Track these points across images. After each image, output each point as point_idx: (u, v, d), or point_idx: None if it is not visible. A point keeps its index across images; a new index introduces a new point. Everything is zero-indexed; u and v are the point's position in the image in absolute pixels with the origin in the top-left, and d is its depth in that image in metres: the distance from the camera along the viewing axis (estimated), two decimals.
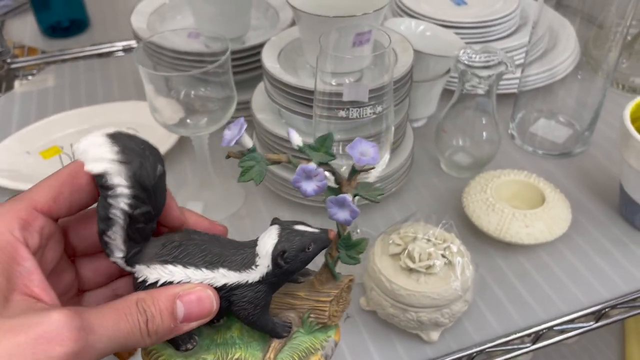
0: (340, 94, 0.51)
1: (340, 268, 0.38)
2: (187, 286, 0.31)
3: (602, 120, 0.81)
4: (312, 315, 0.37)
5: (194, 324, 0.32)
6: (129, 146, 0.30)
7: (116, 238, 0.31)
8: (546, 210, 0.63)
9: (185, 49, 0.71)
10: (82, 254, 0.35)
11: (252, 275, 0.33)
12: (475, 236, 0.66)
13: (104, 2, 1.18)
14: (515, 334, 0.56)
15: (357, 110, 0.50)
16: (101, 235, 0.31)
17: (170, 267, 0.32)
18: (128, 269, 0.33)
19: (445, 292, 0.52)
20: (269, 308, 0.35)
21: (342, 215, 0.35)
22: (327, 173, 0.36)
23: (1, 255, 0.28)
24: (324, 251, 0.36)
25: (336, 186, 0.37)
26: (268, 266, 0.33)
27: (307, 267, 0.36)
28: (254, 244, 0.34)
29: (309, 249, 0.34)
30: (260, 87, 0.72)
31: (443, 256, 0.54)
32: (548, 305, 0.59)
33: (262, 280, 0.34)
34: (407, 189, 0.74)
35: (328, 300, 0.37)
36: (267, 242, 0.33)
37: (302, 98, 0.62)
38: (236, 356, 0.35)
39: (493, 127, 0.72)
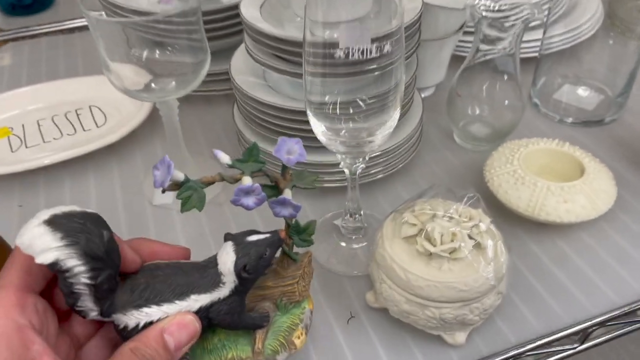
0: (335, 44, 0.40)
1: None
2: (167, 319, 0.34)
3: (636, 83, 0.70)
4: (284, 299, 0.40)
5: (186, 348, 0.34)
6: (70, 227, 0.31)
7: (86, 305, 0.33)
8: (587, 182, 0.52)
9: (149, 10, 0.60)
10: (67, 312, 0.35)
11: (223, 292, 0.36)
12: (502, 216, 0.55)
13: None
14: (560, 332, 0.45)
15: (358, 50, 0.39)
16: (71, 307, 0.32)
17: (145, 309, 0.34)
18: (106, 319, 0.34)
19: (475, 281, 0.41)
20: (245, 308, 0.38)
21: (286, 211, 0.38)
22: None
23: (13, 345, 0.29)
24: None
25: (273, 184, 0.39)
26: (234, 281, 0.36)
27: None
28: (214, 263, 0.36)
29: (265, 254, 0.36)
30: (242, 49, 0.61)
31: (470, 237, 0.43)
32: (596, 295, 0.48)
33: (232, 293, 0.36)
34: (415, 165, 0.63)
35: (295, 282, 0.40)
36: (227, 260, 0.35)
37: (289, 53, 0.51)
38: (229, 356, 0.38)
39: (516, 91, 0.61)
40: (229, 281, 0.36)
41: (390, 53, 0.40)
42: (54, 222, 0.30)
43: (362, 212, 0.53)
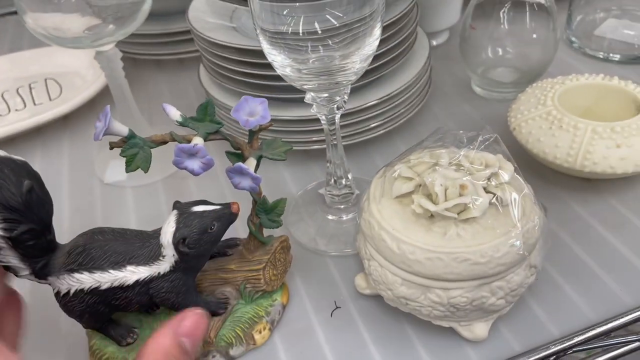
0: None
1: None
2: (174, 322, 0.28)
3: None
4: (248, 285, 0.36)
5: (199, 344, 0.28)
6: None
7: (9, 260, 0.30)
8: None
9: None
10: None
11: (163, 267, 0.32)
12: (534, 173, 0.42)
13: None
14: (621, 318, 0.33)
15: None
16: None
17: (77, 275, 0.31)
18: (42, 282, 0.32)
19: (496, 250, 0.29)
20: (194, 290, 0.34)
21: (246, 183, 0.33)
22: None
23: None
24: None
25: (238, 151, 0.34)
26: (174, 255, 0.32)
27: (236, 237, 0.38)
28: (159, 233, 0.32)
29: (212, 228, 0.32)
30: None
31: (487, 191, 0.31)
32: None
33: (174, 269, 0.32)
34: (424, 120, 0.51)
35: (260, 268, 0.35)
36: (167, 230, 0.32)
37: None
38: None
39: (547, 21, 0.49)
40: (169, 255, 0.31)
41: None
42: None
43: (350, 176, 0.41)
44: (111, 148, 0.32)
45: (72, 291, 0.31)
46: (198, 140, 0.32)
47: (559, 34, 0.50)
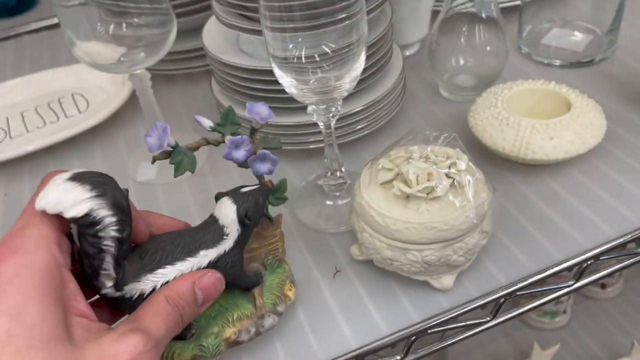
0: None
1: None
2: (197, 274, 0.34)
3: (625, 21, 0.68)
4: (269, 257, 0.43)
5: (207, 305, 0.35)
6: (95, 180, 0.31)
7: (109, 267, 0.32)
8: (574, 117, 0.51)
9: None
10: None
11: (227, 244, 0.37)
12: (488, 161, 0.53)
13: None
14: (552, 268, 0.44)
15: None
16: (97, 270, 0.32)
17: (160, 271, 0.34)
18: (117, 294, 0.33)
19: (455, 220, 0.40)
20: (243, 265, 0.40)
21: (265, 167, 0.42)
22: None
23: (54, 281, 0.29)
24: None
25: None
26: (237, 230, 0.37)
27: None
28: (213, 220, 0.38)
29: (260, 202, 0.39)
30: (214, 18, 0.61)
31: (448, 176, 0.41)
32: (591, 230, 0.46)
33: (235, 245, 0.38)
34: (401, 121, 0.61)
35: (276, 240, 0.44)
36: (228, 212, 0.37)
37: (252, 10, 0.50)
38: (235, 317, 0.40)
39: (498, 35, 0.60)
40: (233, 231, 0.37)
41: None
42: (78, 178, 0.30)
43: (343, 169, 0.52)
44: (153, 161, 0.39)
45: (158, 285, 0.34)
46: (227, 139, 0.40)
47: (508, 45, 0.61)
